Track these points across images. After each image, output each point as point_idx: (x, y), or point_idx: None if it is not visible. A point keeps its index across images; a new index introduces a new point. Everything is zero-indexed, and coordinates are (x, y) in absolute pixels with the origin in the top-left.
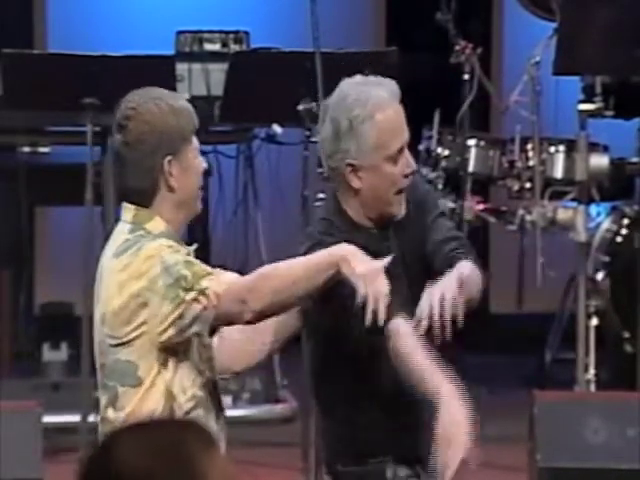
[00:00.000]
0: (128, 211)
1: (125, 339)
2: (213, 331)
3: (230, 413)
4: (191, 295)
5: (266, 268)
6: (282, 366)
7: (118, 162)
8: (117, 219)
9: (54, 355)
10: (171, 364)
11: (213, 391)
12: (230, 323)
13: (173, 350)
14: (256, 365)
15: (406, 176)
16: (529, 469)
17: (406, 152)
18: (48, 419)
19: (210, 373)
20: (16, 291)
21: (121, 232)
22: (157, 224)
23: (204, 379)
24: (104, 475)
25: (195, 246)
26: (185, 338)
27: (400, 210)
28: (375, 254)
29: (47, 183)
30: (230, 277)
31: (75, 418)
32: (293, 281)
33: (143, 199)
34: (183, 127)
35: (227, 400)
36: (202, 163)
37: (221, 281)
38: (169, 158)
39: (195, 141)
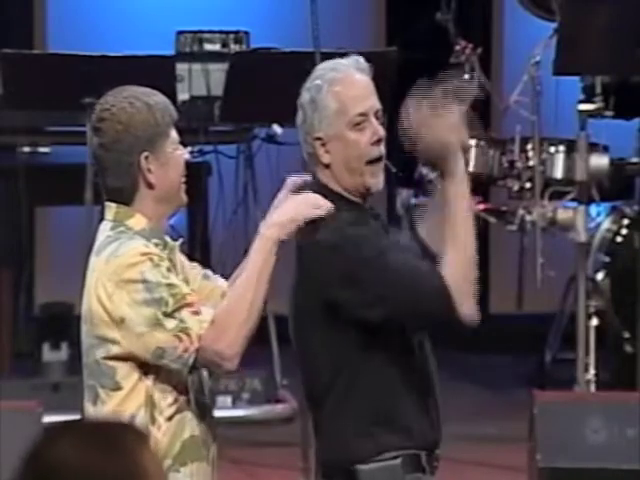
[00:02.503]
0: (110, 210)
1: (104, 340)
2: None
3: (230, 413)
4: (172, 324)
5: (225, 303)
6: (282, 366)
7: (97, 164)
8: (101, 219)
9: (54, 355)
10: (152, 370)
11: (199, 392)
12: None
13: None
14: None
15: (373, 144)
16: (529, 469)
17: (373, 120)
18: (48, 419)
19: (195, 374)
20: (16, 291)
21: (103, 231)
22: (138, 221)
23: (188, 381)
24: (42, 473)
25: (180, 241)
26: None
27: (376, 182)
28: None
29: (47, 183)
30: (208, 312)
31: (75, 418)
32: (253, 297)
33: (123, 197)
34: (159, 122)
35: (227, 400)
36: (183, 154)
37: (202, 319)
38: (146, 154)
39: (174, 134)
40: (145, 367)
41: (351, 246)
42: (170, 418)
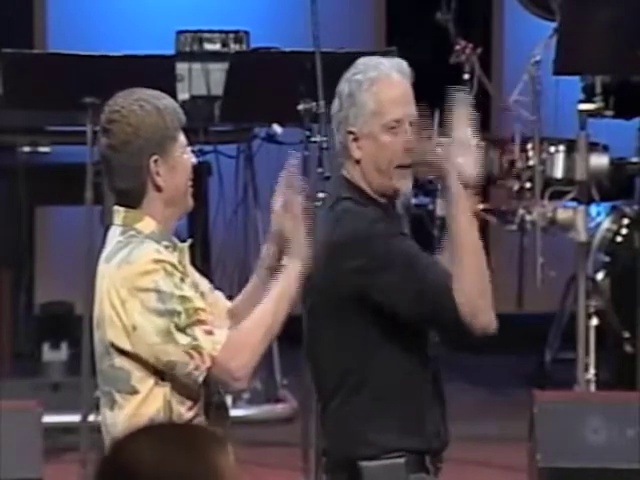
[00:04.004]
0: (118, 214)
1: (117, 347)
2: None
3: (230, 413)
4: (185, 340)
5: (243, 325)
6: (282, 366)
7: (105, 165)
8: (106, 227)
9: (54, 355)
10: (168, 376)
11: (215, 393)
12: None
13: None
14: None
15: (405, 151)
16: (529, 469)
17: (408, 128)
18: (48, 419)
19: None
20: (16, 291)
21: (113, 236)
22: (147, 224)
23: (205, 386)
24: (119, 472)
25: (189, 242)
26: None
27: (405, 184)
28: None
29: (47, 183)
30: (222, 334)
31: (75, 418)
32: (271, 323)
33: (132, 200)
34: (168, 126)
35: (227, 400)
36: (190, 159)
37: (215, 339)
38: (155, 158)
39: (182, 138)
40: (161, 372)
41: (379, 241)
42: (189, 422)
